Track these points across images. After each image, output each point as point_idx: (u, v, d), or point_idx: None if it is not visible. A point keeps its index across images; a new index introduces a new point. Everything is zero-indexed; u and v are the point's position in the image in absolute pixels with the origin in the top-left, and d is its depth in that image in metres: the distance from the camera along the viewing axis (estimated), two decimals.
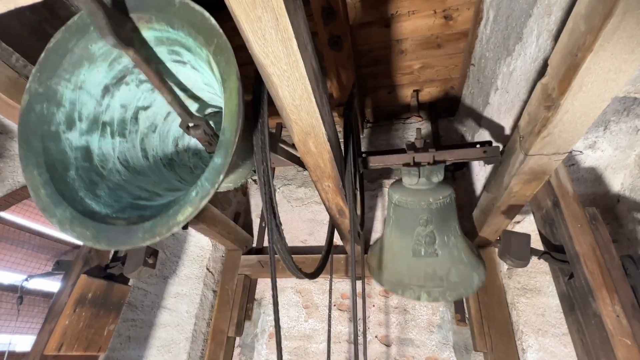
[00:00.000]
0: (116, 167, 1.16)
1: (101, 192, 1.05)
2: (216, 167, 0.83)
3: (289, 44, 0.71)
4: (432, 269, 1.58)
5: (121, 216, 0.97)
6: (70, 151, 1.04)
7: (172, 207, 0.87)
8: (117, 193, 1.09)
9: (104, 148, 1.14)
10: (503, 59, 1.69)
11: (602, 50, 0.77)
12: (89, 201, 1.00)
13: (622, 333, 0.99)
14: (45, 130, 1.00)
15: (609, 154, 1.56)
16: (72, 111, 1.05)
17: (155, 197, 1.14)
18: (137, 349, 2.24)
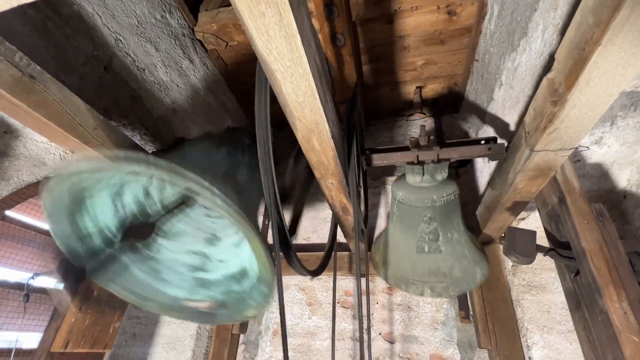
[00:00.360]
0: (158, 242, 1.32)
1: (165, 275, 1.26)
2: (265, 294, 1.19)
3: (292, 40, 0.70)
4: (436, 265, 1.60)
5: (197, 298, 1.24)
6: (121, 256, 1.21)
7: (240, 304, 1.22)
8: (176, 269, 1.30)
9: None
10: (508, 54, 1.67)
11: (611, 44, 0.76)
12: (163, 288, 1.23)
13: (629, 330, 0.98)
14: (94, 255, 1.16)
15: (616, 150, 1.54)
16: (101, 232, 1.19)
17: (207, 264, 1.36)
18: (143, 346, 2.25)
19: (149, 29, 1.89)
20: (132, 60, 1.86)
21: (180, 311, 1.22)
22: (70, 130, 1.26)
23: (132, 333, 2.28)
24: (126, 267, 1.20)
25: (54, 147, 1.72)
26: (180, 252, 1.34)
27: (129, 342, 2.25)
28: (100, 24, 1.66)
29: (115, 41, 1.75)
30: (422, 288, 1.59)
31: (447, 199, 1.57)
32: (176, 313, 1.23)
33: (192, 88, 2.30)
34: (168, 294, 1.24)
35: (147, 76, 1.97)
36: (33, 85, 1.14)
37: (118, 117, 1.86)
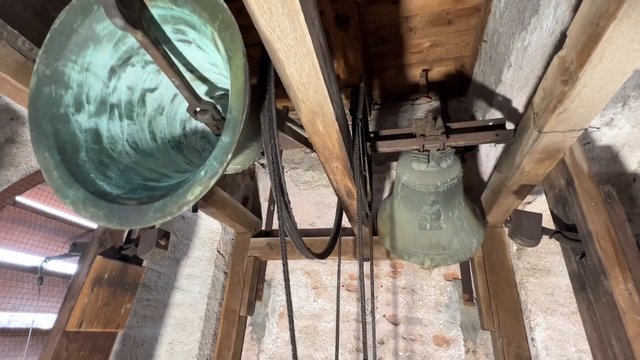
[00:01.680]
0: (125, 149, 1.17)
1: (112, 174, 1.06)
2: (224, 146, 0.82)
3: (295, 17, 0.69)
4: (436, 240, 1.75)
5: (132, 196, 0.98)
6: (80, 133, 1.05)
7: (182, 186, 0.87)
8: (128, 175, 1.10)
9: (112, 130, 1.14)
10: (517, 34, 1.62)
11: (627, 17, 0.73)
12: (100, 182, 1.02)
13: (633, 310, 0.98)
14: (54, 112, 1.00)
15: (627, 132, 1.50)
16: (79, 93, 1.05)
17: (164, 179, 1.15)
18: (153, 327, 2.33)
19: None
20: None
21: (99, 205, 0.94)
22: None
23: (143, 315, 2.35)
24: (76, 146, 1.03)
25: None
26: (142, 167, 1.16)
27: (140, 323, 2.32)
28: None
29: None
30: (423, 259, 1.76)
31: (451, 183, 1.58)
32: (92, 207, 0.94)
33: None
34: (99, 186, 1.00)
35: None
36: None
37: None
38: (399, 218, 1.85)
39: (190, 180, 0.86)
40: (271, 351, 2.30)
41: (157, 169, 1.19)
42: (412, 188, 1.64)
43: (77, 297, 1.54)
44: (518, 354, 1.75)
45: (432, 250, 1.74)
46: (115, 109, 1.14)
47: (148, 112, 1.25)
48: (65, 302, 1.57)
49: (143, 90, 1.20)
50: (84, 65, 1.03)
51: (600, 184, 1.25)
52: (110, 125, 1.13)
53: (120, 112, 1.16)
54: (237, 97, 0.83)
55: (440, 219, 1.72)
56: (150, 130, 1.26)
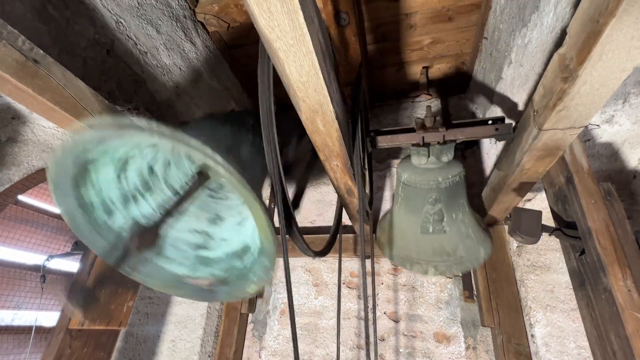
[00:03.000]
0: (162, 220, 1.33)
1: (168, 252, 1.27)
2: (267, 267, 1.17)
3: (294, 16, 0.69)
4: (440, 245, 1.61)
5: (199, 275, 1.25)
6: (124, 232, 1.22)
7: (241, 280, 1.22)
8: (179, 247, 1.31)
9: (143, 211, 1.30)
10: (518, 31, 1.61)
11: (626, 14, 0.73)
12: (165, 265, 1.24)
13: (632, 307, 0.99)
14: (98, 228, 1.18)
15: (627, 129, 1.50)
16: (104, 203, 1.20)
17: (209, 242, 1.37)
18: (155, 324, 2.35)
19: (150, 10, 1.86)
20: (133, 43, 1.84)
21: (181, 288, 1.24)
22: (76, 115, 1.27)
23: (145, 312, 2.36)
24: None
25: (61, 133, 1.74)
26: (183, 230, 1.35)
27: (142, 320, 2.34)
28: (101, 6, 1.64)
29: (117, 24, 1.73)
30: (426, 267, 1.61)
31: (453, 180, 1.55)
32: (177, 290, 1.24)
33: (194, 71, 2.28)
34: (169, 271, 1.25)
35: (149, 59, 1.95)
36: (37, 70, 1.14)
37: (122, 102, 1.87)
38: (400, 223, 1.76)
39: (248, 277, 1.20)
40: (272, 348, 2.32)
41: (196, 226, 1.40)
42: (412, 186, 1.61)
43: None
44: (518, 351, 1.76)
45: (435, 257, 1.62)
46: (136, 194, 1.30)
47: (160, 175, 1.37)
48: None
49: (148, 165, 1.32)
50: (95, 185, 1.16)
51: (600, 181, 1.26)
52: (141, 209, 1.29)
53: (141, 193, 1.31)
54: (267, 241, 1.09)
55: (443, 220, 1.61)
56: (168, 186, 1.40)
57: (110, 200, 1.21)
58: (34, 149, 1.67)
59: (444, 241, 1.61)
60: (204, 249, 1.35)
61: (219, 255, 1.33)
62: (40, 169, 1.71)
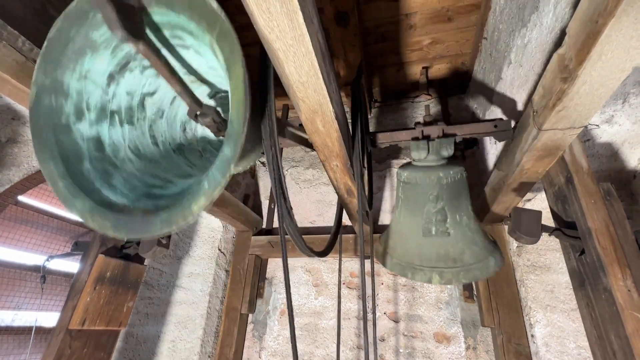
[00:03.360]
0: (128, 156, 1.16)
1: (116, 182, 1.07)
2: (226, 158, 0.84)
3: (294, 16, 0.69)
4: (444, 250, 1.46)
5: (138, 206, 0.99)
6: (82, 142, 1.05)
7: (186, 196, 0.89)
8: (132, 182, 1.10)
9: (114, 137, 1.14)
10: (517, 31, 1.61)
11: (625, 15, 0.73)
12: (105, 192, 1.02)
13: (632, 307, 0.99)
14: (56, 122, 1.00)
15: (627, 129, 1.50)
16: (79, 102, 1.04)
17: (168, 185, 1.16)
18: (155, 325, 2.35)
19: None
20: None
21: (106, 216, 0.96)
22: None
23: (145, 313, 2.36)
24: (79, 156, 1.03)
25: None
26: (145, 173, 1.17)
27: (142, 321, 2.34)
28: None
29: None
30: (430, 274, 1.41)
31: (454, 176, 1.48)
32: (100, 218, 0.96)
33: None
34: (105, 197, 1.02)
35: None
36: None
37: None
38: (401, 228, 1.61)
39: (194, 190, 0.88)
40: (272, 348, 2.32)
41: (160, 174, 1.20)
42: (412, 183, 1.55)
43: (80, 296, 1.55)
44: (518, 351, 1.76)
45: (440, 263, 1.43)
46: (115, 116, 1.14)
47: (148, 117, 1.25)
48: (68, 301, 1.58)
49: (142, 95, 1.20)
50: (82, 73, 1.02)
51: (600, 181, 1.26)
52: (111, 132, 1.13)
53: (120, 118, 1.15)
54: (237, 109, 0.82)
55: (446, 221, 1.49)
56: (151, 135, 1.27)
57: (87, 102, 1.05)
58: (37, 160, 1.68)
59: (448, 245, 1.46)
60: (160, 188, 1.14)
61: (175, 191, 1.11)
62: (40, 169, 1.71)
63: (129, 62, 1.09)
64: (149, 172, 1.18)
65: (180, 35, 0.99)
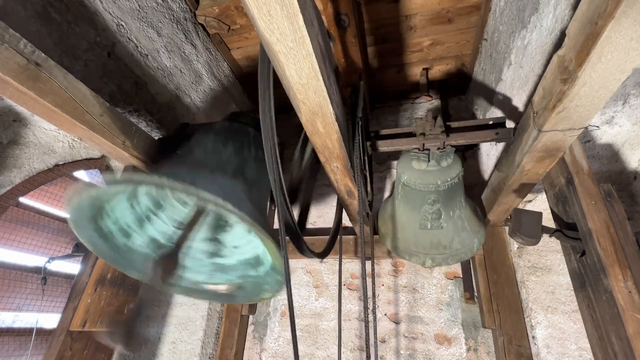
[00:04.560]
0: (176, 232, 1.40)
1: (185, 262, 1.34)
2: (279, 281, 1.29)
3: (294, 19, 0.69)
4: (437, 239, 1.74)
5: (216, 282, 1.37)
6: (143, 249, 1.33)
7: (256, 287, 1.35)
8: (195, 256, 1.40)
9: (158, 228, 1.39)
10: (518, 32, 1.62)
11: (625, 16, 0.73)
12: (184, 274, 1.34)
13: (633, 308, 0.98)
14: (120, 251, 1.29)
15: (628, 129, 1.50)
16: (121, 229, 1.29)
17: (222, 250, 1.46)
18: (156, 326, 2.34)
19: (150, 13, 1.87)
20: (134, 45, 1.85)
21: (203, 293, 1.36)
22: (77, 118, 1.27)
23: (146, 314, 2.36)
24: (150, 258, 1.29)
25: (62, 135, 1.74)
26: (196, 239, 1.42)
27: (143, 322, 2.34)
28: (102, 9, 1.65)
29: (117, 26, 1.74)
30: (424, 259, 1.74)
31: (451, 182, 1.58)
32: (199, 295, 1.37)
33: (195, 73, 2.29)
34: (189, 279, 1.34)
35: (150, 62, 1.96)
36: (39, 73, 1.15)
37: (123, 104, 1.87)
38: (400, 217, 1.84)
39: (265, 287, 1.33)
40: (273, 350, 2.32)
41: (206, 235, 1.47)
42: (412, 187, 1.64)
43: (81, 297, 1.55)
44: (519, 352, 1.76)
45: (432, 250, 1.73)
46: (149, 214, 1.39)
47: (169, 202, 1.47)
48: (68, 302, 1.58)
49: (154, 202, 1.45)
50: (110, 216, 1.26)
51: (600, 182, 1.26)
52: (156, 227, 1.39)
53: (153, 212, 1.39)
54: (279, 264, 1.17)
55: (441, 218, 1.70)
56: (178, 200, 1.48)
57: (127, 224, 1.31)
58: (36, 152, 1.68)
59: (441, 236, 1.73)
60: (218, 256, 1.43)
61: (233, 263, 1.41)
62: (42, 171, 1.71)
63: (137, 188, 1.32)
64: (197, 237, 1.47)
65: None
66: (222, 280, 1.40)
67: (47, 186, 1.99)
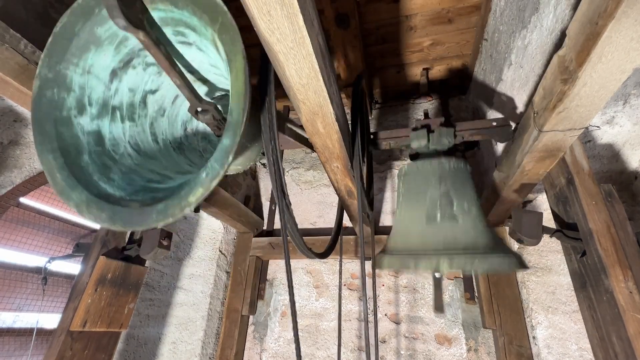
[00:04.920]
0: (127, 151, 1.17)
1: (114, 176, 1.07)
2: (225, 148, 0.83)
3: (294, 19, 0.69)
4: (453, 235, 1.19)
5: (135, 198, 0.99)
6: (82, 136, 1.06)
7: (184, 188, 0.87)
8: (130, 176, 1.11)
9: (114, 132, 1.15)
10: (518, 32, 1.62)
11: (625, 16, 0.73)
12: (103, 184, 1.02)
13: (634, 309, 0.98)
14: (57, 115, 1.01)
15: (628, 129, 1.50)
16: (82, 96, 1.06)
17: (166, 180, 1.16)
18: (156, 326, 2.35)
19: None
20: None
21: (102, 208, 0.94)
22: None
23: (146, 314, 2.37)
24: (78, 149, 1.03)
25: None
26: (144, 168, 1.16)
27: (143, 322, 2.34)
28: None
29: None
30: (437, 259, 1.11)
31: (457, 164, 1.36)
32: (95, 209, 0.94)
33: None
34: (102, 189, 1.00)
35: None
36: None
37: None
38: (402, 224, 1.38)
39: (192, 182, 0.86)
40: (273, 350, 2.32)
41: (159, 171, 1.20)
42: (414, 172, 1.42)
43: (81, 297, 1.55)
44: (519, 352, 1.76)
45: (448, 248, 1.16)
46: (117, 111, 1.15)
47: (149, 114, 1.26)
48: (69, 302, 1.58)
49: (144, 92, 1.21)
50: (85, 68, 1.04)
51: (601, 182, 1.25)
52: (112, 128, 1.14)
53: (122, 114, 1.16)
54: (237, 99, 0.83)
55: (453, 206, 1.24)
56: (151, 132, 1.27)
57: (89, 97, 1.06)
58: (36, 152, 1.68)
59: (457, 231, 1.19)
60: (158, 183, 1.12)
61: (172, 185, 1.08)
62: (42, 171, 1.72)
63: (132, 58, 1.10)
64: (148, 167, 1.19)
65: (183, 32, 1.00)
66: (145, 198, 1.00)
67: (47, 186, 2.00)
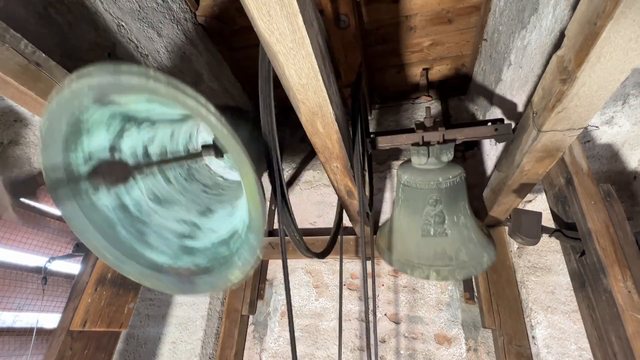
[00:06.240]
0: (150, 206, 1.26)
1: (151, 239, 1.18)
2: (252, 245, 1.01)
3: (294, 19, 0.70)
4: (442, 249, 1.57)
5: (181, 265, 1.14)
6: (108, 212, 1.13)
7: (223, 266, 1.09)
8: (163, 235, 1.22)
9: (133, 194, 1.22)
10: (517, 32, 1.62)
11: (623, 17, 0.73)
12: (146, 253, 1.14)
13: (632, 308, 0.99)
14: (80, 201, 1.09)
15: (627, 130, 1.51)
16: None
17: (196, 232, 1.29)
18: (156, 326, 2.35)
19: (151, 13, 1.87)
20: (135, 46, 1.86)
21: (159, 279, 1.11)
22: None
23: (146, 314, 2.37)
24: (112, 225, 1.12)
25: None
26: (171, 219, 1.26)
27: (143, 322, 2.35)
28: (102, 10, 1.65)
29: (118, 27, 1.75)
30: (428, 272, 1.55)
31: (453, 180, 1.54)
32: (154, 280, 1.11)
33: (195, 74, 2.29)
34: (149, 258, 1.13)
35: (150, 62, 1.96)
36: (39, 73, 1.15)
37: None
38: (400, 227, 1.71)
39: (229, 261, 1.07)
40: (273, 350, 2.32)
41: (184, 217, 1.31)
42: (413, 187, 1.61)
43: (81, 297, 1.56)
44: (519, 352, 1.76)
45: (437, 261, 1.56)
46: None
47: (154, 159, 1.31)
48: (69, 302, 1.59)
49: (144, 146, 1.26)
50: (85, 153, 1.08)
51: (600, 182, 1.26)
52: (129, 191, 1.21)
53: (132, 175, 1.23)
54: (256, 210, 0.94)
55: (444, 223, 1.58)
56: (162, 175, 1.34)
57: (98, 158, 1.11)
58: (36, 152, 1.68)
59: (445, 245, 1.57)
60: (190, 238, 1.25)
61: (205, 245, 1.22)
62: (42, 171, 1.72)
63: (124, 128, 1.14)
64: (173, 217, 1.29)
65: None
66: (187, 263, 1.16)
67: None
